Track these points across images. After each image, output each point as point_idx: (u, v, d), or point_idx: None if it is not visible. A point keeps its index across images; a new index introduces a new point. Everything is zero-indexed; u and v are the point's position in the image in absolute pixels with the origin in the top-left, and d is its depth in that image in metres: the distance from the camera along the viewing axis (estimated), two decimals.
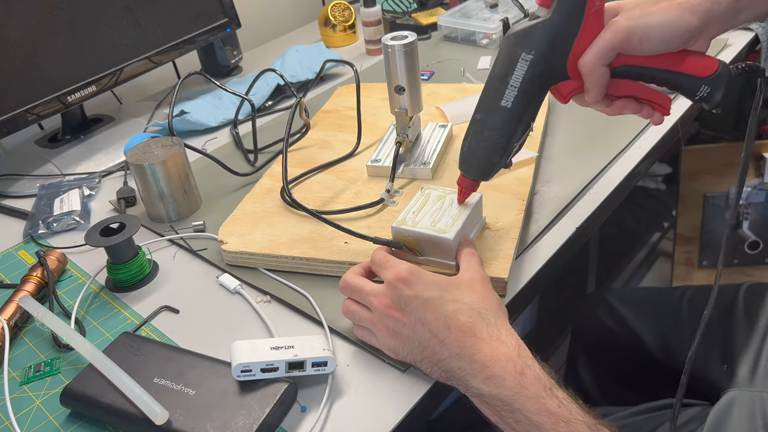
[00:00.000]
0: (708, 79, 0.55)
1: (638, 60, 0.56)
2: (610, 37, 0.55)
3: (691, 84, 0.56)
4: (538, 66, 0.57)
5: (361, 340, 0.63)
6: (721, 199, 1.63)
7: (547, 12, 0.56)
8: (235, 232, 0.77)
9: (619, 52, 0.55)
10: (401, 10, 1.41)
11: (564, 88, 0.60)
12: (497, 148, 0.62)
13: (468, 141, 0.64)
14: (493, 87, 0.60)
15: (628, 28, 0.54)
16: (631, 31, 0.54)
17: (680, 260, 1.73)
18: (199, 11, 1.14)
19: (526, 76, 0.57)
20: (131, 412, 0.56)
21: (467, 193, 0.68)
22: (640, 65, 0.56)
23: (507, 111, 0.59)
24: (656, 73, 0.57)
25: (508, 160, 0.64)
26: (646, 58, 0.56)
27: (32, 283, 0.74)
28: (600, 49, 0.55)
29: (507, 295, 0.68)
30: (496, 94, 0.59)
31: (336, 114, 1.02)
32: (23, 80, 0.94)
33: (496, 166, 0.64)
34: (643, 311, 1.03)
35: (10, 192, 0.99)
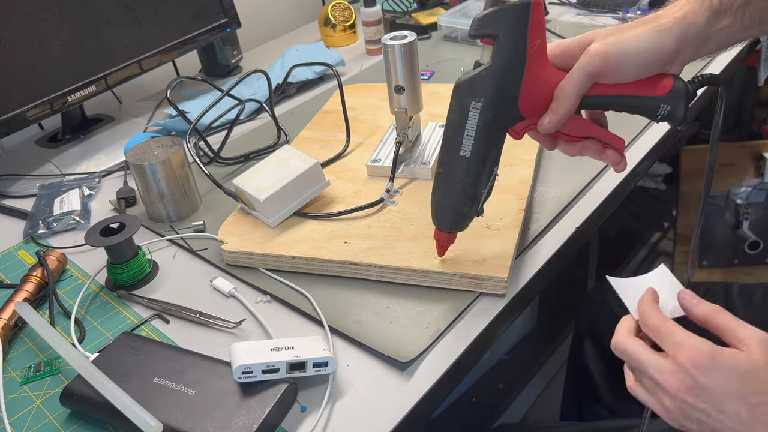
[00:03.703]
0: (665, 98, 0.55)
1: (605, 88, 0.56)
2: (587, 63, 0.54)
3: (650, 104, 0.56)
4: (488, 112, 0.57)
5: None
6: (721, 199, 1.63)
7: (490, 58, 0.56)
8: (235, 232, 0.77)
9: (595, 81, 0.55)
10: (401, 10, 1.41)
11: (518, 126, 0.59)
12: (466, 197, 0.62)
13: (436, 195, 0.63)
14: (451, 139, 0.60)
15: (603, 54, 0.53)
16: (607, 57, 0.53)
17: (680, 260, 1.73)
18: (198, 11, 1.14)
19: (479, 124, 0.58)
20: None
21: (446, 246, 0.67)
22: (603, 93, 0.56)
23: (467, 160, 0.59)
24: (615, 99, 0.56)
25: (480, 207, 0.63)
26: (611, 86, 0.55)
27: (32, 283, 0.74)
28: (578, 76, 0.55)
29: (507, 295, 0.68)
30: (454, 146, 0.59)
31: (336, 114, 1.02)
32: (23, 80, 0.94)
33: (468, 214, 0.64)
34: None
35: (10, 192, 0.99)
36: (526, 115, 0.58)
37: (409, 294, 0.69)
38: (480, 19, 0.55)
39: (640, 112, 0.57)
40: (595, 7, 1.34)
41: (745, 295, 0.95)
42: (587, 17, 1.33)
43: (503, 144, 0.61)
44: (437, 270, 0.68)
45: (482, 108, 0.57)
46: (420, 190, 0.82)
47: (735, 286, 0.96)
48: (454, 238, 0.66)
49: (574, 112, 0.57)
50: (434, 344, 0.63)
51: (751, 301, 0.93)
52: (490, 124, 0.58)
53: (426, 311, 0.66)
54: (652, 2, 1.26)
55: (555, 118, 0.57)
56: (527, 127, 0.60)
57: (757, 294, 0.94)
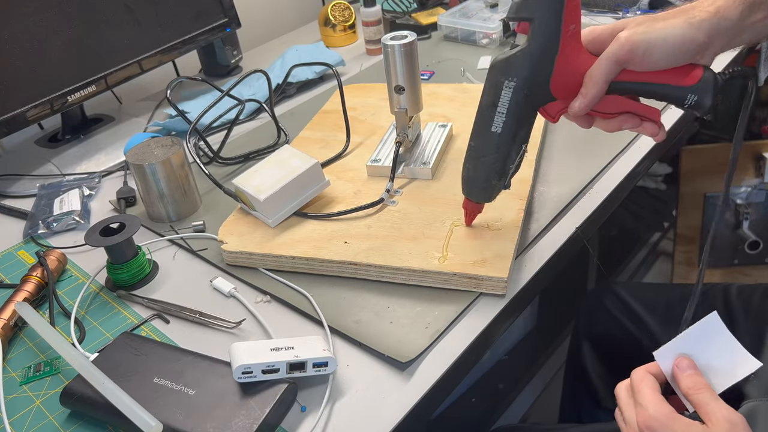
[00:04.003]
0: (694, 88, 0.56)
1: (633, 75, 0.57)
2: (616, 50, 0.56)
3: (678, 93, 0.57)
4: (521, 91, 0.60)
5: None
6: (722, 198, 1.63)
7: (525, 40, 0.59)
8: (235, 232, 0.77)
9: (623, 67, 0.56)
10: (401, 10, 1.41)
11: (552, 109, 0.62)
12: (494, 170, 0.65)
13: (466, 166, 0.67)
14: (483, 115, 0.63)
15: (632, 42, 0.55)
16: (635, 46, 0.55)
17: (680, 260, 1.73)
18: (198, 11, 1.14)
19: (511, 102, 0.60)
20: None
21: (473, 215, 0.72)
22: (631, 80, 0.57)
23: (498, 136, 0.63)
24: (643, 86, 0.58)
25: (507, 181, 0.67)
26: (640, 73, 0.57)
27: (32, 283, 0.74)
28: (607, 63, 0.56)
29: (507, 295, 0.68)
30: (486, 121, 0.63)
31: (336, 114, 1.02)
32: (23, 80, 0.94)
33: (496, 187, 0.68)
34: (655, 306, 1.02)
35: (10, 192, 0.99)
36: (557, 96, 0.61)
37: (409, 294, 0.69)
38: (518, 2, 0.57)
39: (668, 99, 0.58)
40: (595, 7, 1.34)
41: (744, 296, 0.94)
42: (587, 17, 1.33)
43: (533, 123, 0.64)
44: (437, 270, 0.68)
45: (515, 87, 0.60)
46: (420, 190, 0.82)
47: (733, 287, 0.96)
48: (481, 209, 0.71)
49: (604, 95, 0.58)
50: (434, 344, 0.63)
51: (750, 302, 0.93)
52: (521, 102, 0.60)
53: (426, 311, 0.66)
54: (652, 2, 1.26)
55: (584, 102, 0.59)
56: (561, 111, 0.62)
57: (756, 295, 0.94)
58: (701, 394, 0.52)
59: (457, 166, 0.85)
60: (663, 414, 0.51)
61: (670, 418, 0.51)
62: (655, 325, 1.00)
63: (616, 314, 1.05)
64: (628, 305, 1.04)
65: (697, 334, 0.54)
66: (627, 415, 0.54)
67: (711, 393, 0.52)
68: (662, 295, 1.04)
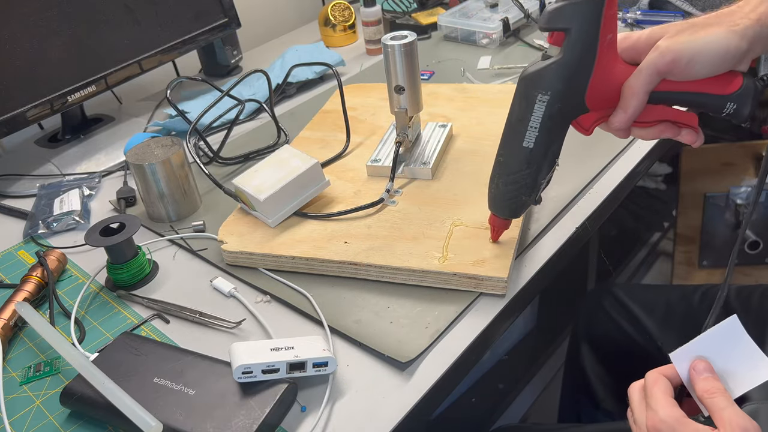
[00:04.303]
0: (733, 96, 0.54)
1: (674, 85, 0.55)
2: (656, 60, 0.53)
3: (717, 102, 0.55)
4: (555, 105, 0.57)
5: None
6: (721, 199, 1.63)
7: (559, 51, 0.55)
8: (235, 232, 0.77)
9: (664, 77, 0.54)
10: (401, 10, 1.41)
11: (585, 121, 0.59)
12: (525, 187, 0.62)
13: (495, 182, 0.64)
14: (514, 129, 0.60)
15: (675, 51, 0.53)
16: (678, 55, 0.53)
17: (680, 260, 1.73)
18: (198, 11, 1.14)
19: (545, 116, 0.57)
20: None
21: (500, 232, 0.69)
22: (671, 90, 0.55)
23: (530, 151, 0.59)
24: (682, 96, 0.56)
25: (538, 197, 0.64)
26: (680, 83, 0.55)
27: (32, 283, 0.74)
28: (647, 73, 0.54)
29: (507, 295, 0.68)
30: (517, 136, 0.59)
31: (336, 114, 1.02)
32: (23, 80, 0.94)
33: (525, 203, 0.64)
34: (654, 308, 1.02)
35: (10, 192, 0.99)
36: (592, 108, 0.58)
37: (409, 294, 0.69)
38: (552, 11, 0.54)
39: (706, 108, 0.56)
40: None
41: (743, 298, 0.94)
42: None
43: (566, 135, 0.61)
44: (437, 270, 0.68)
45: (549, 101, 0.56)
46: (420, 190, 0.82)
47: (732, 289, 0.96)
48: (509, 225, 0.68)
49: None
50: (434, 344, 0.63)
51: (749, 303, 0.93)
52: (555, 116, 0.57)
53: (426, 311, 0.66)
54: (652, 2, 1.26)
55: (625, 116, 0.56)
56: (596, 122, 0.59)
57: (755, 296, 0.94)
58: (716, 398, 0.51)
59: (457, 166, 0.85)
60: (673, 418, 0.51)
61: (679, 422, 0.50)
62: (654, 327, 0.99)
63: (614, 316, 1.04)
64: (627, 307, 1.03)
65: (715, 337, 0.53)
66: (637, 416, 0.54)
67: (726, 398, 0.51)
68: (661, 297, 1.04)
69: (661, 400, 0.52)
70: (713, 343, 0.53)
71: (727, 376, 0.53)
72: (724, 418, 0.49)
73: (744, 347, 0.52)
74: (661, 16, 1.23)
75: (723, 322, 0.53)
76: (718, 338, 0.53)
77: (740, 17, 0.53)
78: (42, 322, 0.65)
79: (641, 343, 1.00)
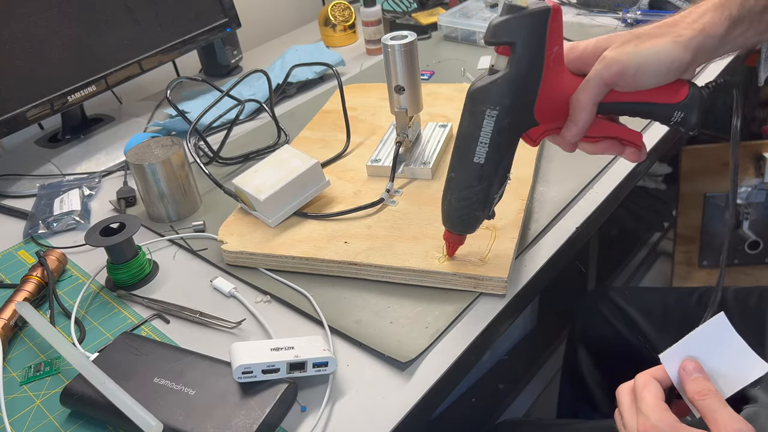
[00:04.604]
0: (680, 105, 0.55)
1: (620, 96, 0.55)
2: (602, 71, 0.54)
3: (665, 111, 0.56)
4: (504, 120, 0.56)
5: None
6: (721, 199, 1.63)
7: (506, 65, 0.55)
8: (235, 232, 0.77)
9: (611, 88, 0.55)
10: (401, 10, 1.41)
11: (534, 133, 0.59)
12: (477, 202, 0.61)
13: (447, 198, 0.63)
14: (463, 145, 0.59)
15: (621, 63, 0.53)
16: (624, 66, 0.53)
17: (680, 260, 1.73)
18: (198, 11, 1.14)
19: (494, 132, 0.57)
20: None
21: (455, 247, 0.67)
22: (618, 101, 0.56)
23: (480, 167, 0.59)
24: (630, 106, 0.56)
25: (491, 212, 0.63)
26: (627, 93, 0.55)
27: (32, 283, 0.74)
28: (594, 84, 0.54)
29: (507, 295, 0.68)
30: (467, 153, 0.59)
31: (336, 114, 1.02)
32: (23, 80, 0.94)
33: (479, 219, 0.64)
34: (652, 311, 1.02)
35: (10, 192, 0.99)
36: (541, 121, 0.58)
37: (409, 294, 0.69)
38: (497, 25, 0.54)
39: (654, 117, 0.57)
40: (595, 7, 1.34)
41: (741, 299, 0.94)
42: (587, 17, 1.33)
43: (516, 149, 0.60)
44: (437, 270, 0.68)
45: (498, 116, 0.56)
46: (420, 190, 0.82)
47: (730, 290, 0.96)
48: (463, 240, 0.67)
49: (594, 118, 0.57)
50: (434, 344, 0.63)
51: (747, 304, 0.93)
52: (504, 131, 0.57)
53: (426, 311, 0.66)
54: (652, 2, 1.26)
55: (576, 129, 0.57)
56: (543, 134, 0.59)
57: (753, 297, 0.93)
58: (708, 399, 0.50)
59: None
60: (665, 423, 0.50)
61: (672, 427, 0.50)
62: (651, 331, 0.99)
63: (611, 320, 1.04)
64: (624, 310, 1.03)
65: (703, 336, 0.53)
66: (627, 419, 0.53)
67: (718, 399, 0.50)
68: (658, 300, 1.04)
69: (652, 404, 0.51)
70: (702, 342, 0.53)
71: (717, 375, 0.52)
72: (718, 421, 0.49)
73: (733, 345, 0.52)
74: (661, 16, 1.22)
75: (710, 320, 0.52)
76: (706, 337, 0.53)
77: (683, 27, 0.53)
78: (42, 322, 0.65)
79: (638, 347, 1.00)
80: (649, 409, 0.51)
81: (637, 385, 0.54)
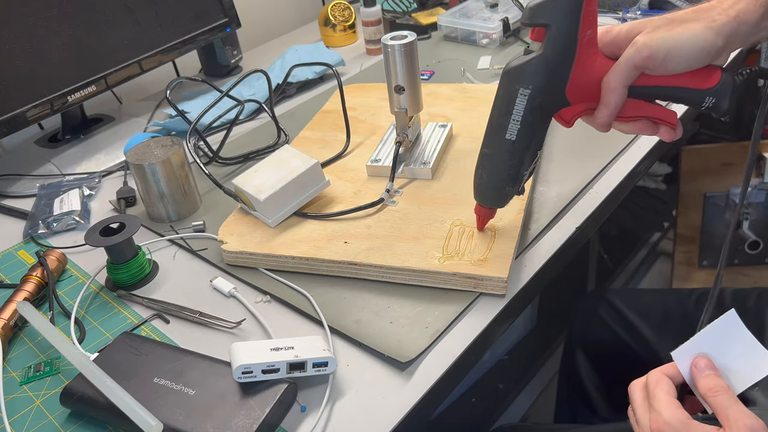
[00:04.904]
0: (712, 90, 0.56)
1: (652, 79, 0.56)
2: (633, 56, 0.55)
3: (696, 97, 0.56)
4: (536, 99, 0.58)
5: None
6: (721, 199, 1.63)
7: (540, 46, 0.57)
8: (235, 232, 0.77)
9: (641, 72, 0.56)
10: (401, 10, 1.41)
11: (566, 114, 0.61)
12: (508, 177, 0.64)
13: (479, 173, 0.66)
14: (497, 122, 0.61)
15: (651, 47, 0.54)
16: (654, 51, 0.54)
17: (680, 260, 1.73)
18: (198, 11, 1.14)
19: (526, 110, 0.59)
20: None
21: (485, 221, 0.71)
22: (649, 84, 0.57)
23: (512, 143, 0.61)
24: (661, 90, 0.57)
25: (521, 187, 0.66)
26: (658, 77, 0.56)
27: (32, 283, 0.74)
28: (625, 68, 0.55)
29: (507, 295, 0.68)
30: (500, 129, 0.61)
31: (336, 114, 1.02)
32: (23, 80, 0.94)
33: (509, 194, 0.66)
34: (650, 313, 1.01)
35: (10, 192, 0.99)
36: (572, 101, 0.59)
37: (409, 294, 0.69)
38: (533, 7, 0.56)
39: (685, 102, 0.58)
40: None
41: (739, 300, 0.94)
42: None
43: (548, 127, 0.62)
44: (437, 270, 0.68)
45: (530, 95, 0.58)
46: (420, 190, 0.82)
47: (729, 291, 0.96)
48: (493, 214, 0.70)
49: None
50: (434, 344, 0.63)
51: (745, 305, 0.92)
52: (536, 110, 0.59)
53: (426, 311, 0.66)
54: (652, 2, 1.26)
55: (607, 111, 0.58)
56: (576, 115, 0.61)
57: (751, 298, 0.93)
58: (720, 396, 0.50)
59: (457, 166, 0.85)
60: (678, 420, 0.50)
61: (684, 424, 0.50)
62: (650, 333, 0.99)
63: (609, 323, 1.04)
64: (622, 313, 1.03)
65: (714, 333, 0.53)
66: (640, 416, 0.53)
67: (730, 396, 0.50)
68: (657, 302, 1.03)
69: (664, 401, 0.52)
70: (713, 339, 0.53)
71: (728, 371, 0.52)
72: (729, 417, 0.49)
73: (744, 342, 0.52)
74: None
75: (722, 317, 0.52)
76: (717, 334, 0.53)
77: (718, 13, 0.54)
78: (43, 322, 0.65)
79: (637, 350, 0.99)
80: (661, 406, 0.51)
81: (650, 382, 0.54)
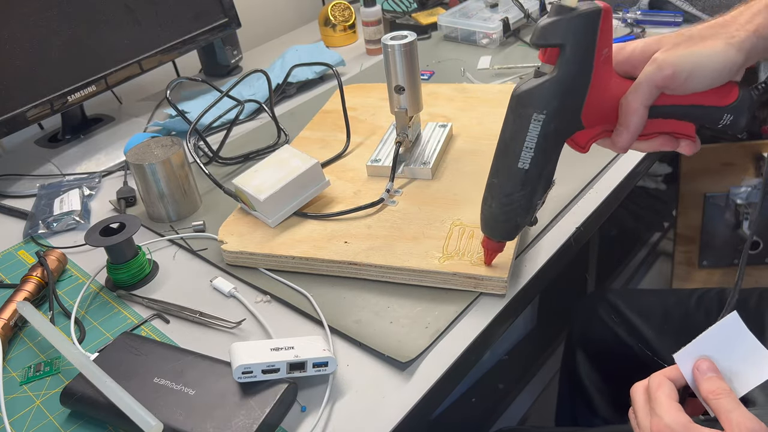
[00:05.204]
0: (730, 107, 0.53)
1: (671, 99, 0.54)
2: (654, 74, 0.52)
3: (714, 114, 0.54)
4: (551, 124, 0.54)
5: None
6: (721, 199, 1.63)
7: (553, 68, 0.53)
8: (235, 232, 0.77)
9: (662, 91, 0.53)
10: (401, 10, 1.41)
11: (581, 138, 0.57)
12: (520, 208, 0.60)
13: (488, 204, 0.61)
14: (507, 150, 0.57)
15: (673, 65, 0.51)
16: (677, 69, 0.51)
17: (680, 260, 1.73)
18: (198, 11, 1.14)
19: (540, 136, 0.55)
20: None
21: (493, 255, 0.66)
22: (668, 104, 0.54)
23: (525, 172, 0.57)
24: (679, 109, 0.54)
25: (533, 218, 0.62)
26: (677, 96, 0.53)
27: (32, 283, 0.74)
28: (646, 88, 0.53)
29: (507, 295, 0.68)
30: (511, 158, 0.57)
31: (336, 114, 1.02)
32: (23, 80, 0.94)
33: (520, 225, 0.62)
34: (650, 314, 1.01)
35: (10, 192, 0.99)
36: (588, 125, 0.56)
37: (409, 294, 0.69)
38: (546, 27, 0.52)
39: (703, 121, 0.55)
40: None
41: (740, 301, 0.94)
42: None
43: (559, 155, 0.59)
44: (437, 270, 0.68)
45: (545, 120, 0.54)
46: (420, 190, 0.82)
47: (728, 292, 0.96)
48: (503, 248, 0.65)
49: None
50: (434, 344, 0.63)
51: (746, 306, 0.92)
52: (550, 135, 0.55)
53: (426, 311, 0.66)
54: (652, 2, 1.26)
55: (628, 134, 0.55)
56: (592, 139, 0.57)
57: (752, 299, 0.93)
58: (722, 399, 0.50)
59: (457, 166, 0.85)
60: (679, 424, 0.50)
61: (686, 428, 0.50)
62: (651, 334, 0.99)
63: (609, 323, 1.03)
64: (623, 314, 1.02)
65: (716, 335, 0.52)
66: (641, 419, 0.53)
67: (732, 399, 0.50)
68: (657, 302, 1.03)
69: (666, 404, 0.51)
70: (715, 342, 0.53)
71: (731, 374, 0.52)
72: (731, 420, 0.48)
73: (746, 344, 0.52)
74: (661, 16, 1.23)
75: (724, 319, 0.52)
76: (720, 336, 0.53)
77: (736, 29, 0.52)
78: (43, 322, 0.65)
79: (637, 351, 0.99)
80: (663, 409, 0.51)
81: (651, 385, 0.54)
